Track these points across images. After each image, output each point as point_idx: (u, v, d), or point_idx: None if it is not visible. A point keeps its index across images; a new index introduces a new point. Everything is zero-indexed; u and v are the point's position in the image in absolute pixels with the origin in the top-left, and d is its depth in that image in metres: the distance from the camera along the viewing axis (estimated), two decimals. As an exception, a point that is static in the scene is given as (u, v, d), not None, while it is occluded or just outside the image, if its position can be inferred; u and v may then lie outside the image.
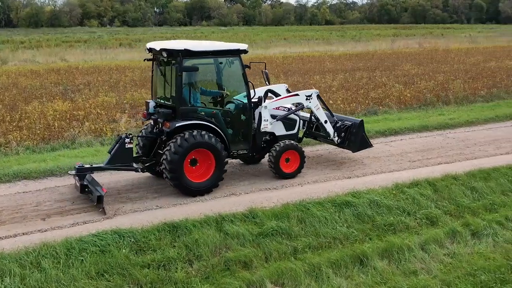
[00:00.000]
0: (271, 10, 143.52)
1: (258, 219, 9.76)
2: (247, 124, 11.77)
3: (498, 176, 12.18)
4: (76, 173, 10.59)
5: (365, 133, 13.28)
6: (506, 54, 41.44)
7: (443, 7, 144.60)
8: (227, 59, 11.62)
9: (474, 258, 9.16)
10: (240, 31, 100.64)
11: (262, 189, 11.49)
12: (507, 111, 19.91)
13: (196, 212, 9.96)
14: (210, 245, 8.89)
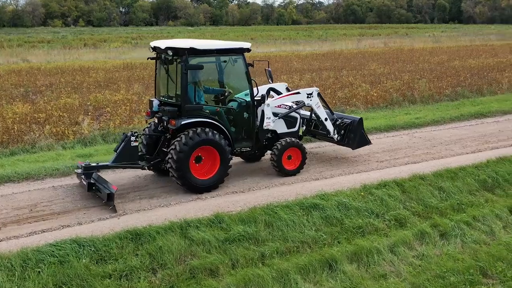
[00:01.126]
0: (238, 10, 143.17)
1: (225, 224, 9.48)
2: (250, 121, 11.84)
3: (464, 176, 12.17)
4: (82, 172, 10.72)
5: (364, 130, 13.42)
6: (469, 54, 42.09)
7: (407, 7, 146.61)
8: (231, 58, 11.67)
9: (443, 260, 9.08)
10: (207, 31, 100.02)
11: (228, 192, 11.23)
12: (472, 109, 20.11)
13: (160, 218, 9.63)
14: (175, 252, 8.58)
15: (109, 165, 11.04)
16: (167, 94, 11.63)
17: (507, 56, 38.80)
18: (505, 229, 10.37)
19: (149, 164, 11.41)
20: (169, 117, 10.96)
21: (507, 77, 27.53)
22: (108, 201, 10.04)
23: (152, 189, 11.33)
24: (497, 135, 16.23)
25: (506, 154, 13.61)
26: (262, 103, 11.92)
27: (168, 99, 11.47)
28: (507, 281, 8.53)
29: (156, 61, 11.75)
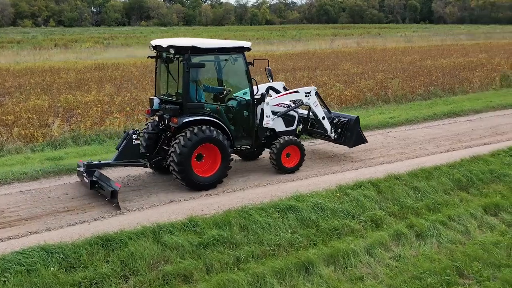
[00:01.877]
0: (212, 10, 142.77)
1: (199, 228, 9.25)
2: (250, 120, 12.00)
3: (439, 175, 12.15)
4: (85, 170, 10.83)
5: (361, 129, 13.58)
6: (441, 53, 42.56)
7: (379, 7, 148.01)
8: (231, 56, 11.74)
9: (419, 261, 8.99)
10: (180, 31, 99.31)
11: (202, 195, 11.01)
12: (444, 108, 20.24)
13: (132, 222, 9.36)
14: (147, 258, 8.32)
15: (111, 163, 11.15)
16: (168, 93, 11.71)
17: (478, 56, 39.31)
18: (480, 228, 10.34)
19: (151, 162, 11.46)
20: (170, 115, 11.04)
21: (478, 76, 27.84)
22: (112, 199, 10.13)
23: (124, 193, 11.03)
24: (470, 134, 16.33)
25: (479, 153, 13.65)
26: (262, 101, 12.07)
27: (169, 98, 11.55)
28: (483, 281, 8.48)
29: (156, 59, 11.81)
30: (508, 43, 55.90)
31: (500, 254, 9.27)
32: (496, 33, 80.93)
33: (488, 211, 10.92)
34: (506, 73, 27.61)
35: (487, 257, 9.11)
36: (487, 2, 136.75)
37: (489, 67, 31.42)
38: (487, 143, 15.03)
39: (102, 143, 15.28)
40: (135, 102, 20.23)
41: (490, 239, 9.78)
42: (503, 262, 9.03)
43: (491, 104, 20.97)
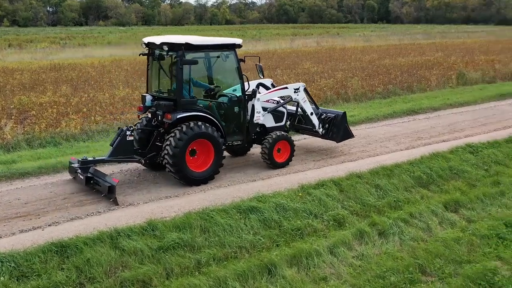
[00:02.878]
0: (171, 10, 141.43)
1: (158, 231, 8.98)
2: (241, 116, 12.21)
3: (400, 173, 12.19)
4: (79, 166, 10.97)
5: (348, 124, 13.85)
6: (399, 52, 43.09)
7: (338, 7, 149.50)
8: (223, 53, 11.90)
9: (382, 259, 8.93)
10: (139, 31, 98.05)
11: (162, 197, 10.73)
12: (403, 106, 20.44)
13: (89, 227, 9.02)
14: (104, 264, 8.01)
15: (105, 159, 11.26)
16: (160, 89, 11.87)
17: (434, 55, 39.95)
18: (441, 225, 10.38)
19: (145, 158, 11.57)
20: (164, 111, 11.13)
21: (435, 74, 28.23)
22: (109, 194, 10.23)
23: (81, 195, 10.69)
24: (428, 131, 16.50)
25: (438, 149, 13.77)
26: (253, 97, 12.20)
27: (161, 94, 11.71)
28: (445, 278, 8.49)
29: (148, 57, 11.96)
30: (463, 42, 57.16)
31: (461, 250, 9.31)
32: (451, 33, 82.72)
33: (448, 207, 10.99)
34: (462, 71, 28.13)
35: (448, 253, 9.14)
36: (442, 3, 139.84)
37: (445, 65, 31.94)
38: (446, 140, 15.21)
39: (57, 145, 14.79)
40: (92, 103, 19.70)
41: (451, 235, 9.81)
42: (464, 258, 9.07)
43: (448, 102, 21.29)
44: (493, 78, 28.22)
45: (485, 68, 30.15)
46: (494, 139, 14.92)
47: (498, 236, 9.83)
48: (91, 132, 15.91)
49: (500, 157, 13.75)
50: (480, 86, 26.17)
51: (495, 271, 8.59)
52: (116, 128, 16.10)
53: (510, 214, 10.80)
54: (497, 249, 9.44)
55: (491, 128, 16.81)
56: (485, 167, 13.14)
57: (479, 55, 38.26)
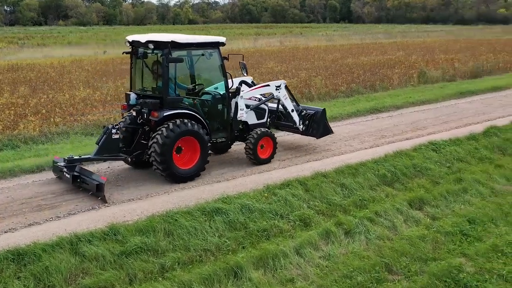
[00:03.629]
0: (133, 9, 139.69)
1: (120, 235, 8.71)
2: (225, 113, 12.34)
3: (365, 171, 12.19)
4: (65, 165, 10.86)
5: (327, 120, 14.11)
6: (361, 51, 43.53)
7: (300, 7, 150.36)
8: (206, 51, 11.96)
9: (349, 259, 8.88)
10: (100, 30, 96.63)
11: (124, 200, 10.45)
12: (367, 105, 20.55)
13: (48, 233, 8.69)
14: (64, 271, 7.72)
15: (91, 157, 11.19)
16: (144, 87, 11.92)
17: (396, 54, 40.49)
18: (406, 223, 10.41)
19: (131, 156, 11.52)
20: (150, 109, 11.15)
21: (397, 73, 28.59)
22: (97, 192, 10.22)
23: (39, 200, 10.32)
24: (392, 130, 16.61)
25: (402, 147, 13.87)
26: (236, 95, 12.37)
27: (146, 92, 11.74)
28: (411, 276, 8.49)
29: (131, 55, 11.93)
30: (423, 42, 58.17)
31: (426, 248, 9.34)
32: (412, 32, 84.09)
33: (413, 205, 11.03)
34: (423, 70, 28.52)
35: (414, 251, 9.15)
36: (402, 3, 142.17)
37: (406, 64, 32.38)
38: (409, 138, 15.33)
39: (15, 148, 14.30)
40: (51, 104, 19.18)
41: (416, 233, 9.85)
42: (430, 255, 9.10)
43: (410, 100, 21.51)
44: (453, 76, 28.70)
45: (445, 66, 30.66)
46: (456, 136, 15.11)
47: (462, 233, 9.92)
48: (50, 134, 15.45)
49: (462, 154, 13.92)
50: (441, 84, 26.56)
51: (460, 268, 8.64)
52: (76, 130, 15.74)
53: (472, 210, 10.92)
54: (461, 245, 9.51)
55: (452, 125, 17.04)
56: (448, 165, 13.28)
57: (439, 54, 38.97)
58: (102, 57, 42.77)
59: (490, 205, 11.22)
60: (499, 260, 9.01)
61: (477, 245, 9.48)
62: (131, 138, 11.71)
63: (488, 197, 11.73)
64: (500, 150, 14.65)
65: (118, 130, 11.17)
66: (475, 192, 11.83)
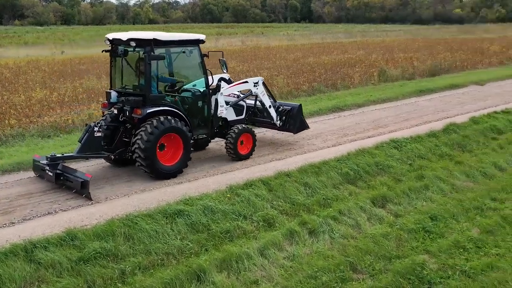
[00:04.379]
0: (91, 9, 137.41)
1: (78, 241, 8.40)
2: (205, 110, 12.47)
3: (328, 170, 12.14)
4: (48, 163, 10.79)
5: (303, 116, 14.43)
6: (322, 51, 43.78)
7: (261, 6, 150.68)
8: (187, 48, 12.06)
9: (313, 259, 8.79)
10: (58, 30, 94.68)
11: (83, 204, 10.10)
12: (329, 104, 20.58)
13: (0, 240, 8.30)
14: (18, 280, 7.38)
15: (74, 155, 11.18)
16: (126, 85, 11.87)
17: (356, 53, 40.87)
18: (370, 221, 10.39)
19: (114, 154, 11.53)
20: (133, 106, 11.18)
21: (357, 72, 28.83)
22: (82, 189, 10.20)
23: None
24: (354, 128, 16.65)
25: (364, 146, 13.88)
26: (217, 91, 12.54)
27: (128, 90, 11.72)
28: (376, 274, 8.46)
29: (111, 53, 11.90)
30: (382, 41, 58.95)
31: (390, 245, 9.33)
32: (371, 32, 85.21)
33: (376, 203, 11.02)
34: (383, 69, 28.81)
35: (378, 249, 9.13)
36: (361, 3, 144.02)
37: (367, 63, 32.71)
38: (371, 136, 15.39)
39: (-33, 152, 13.72)
40: (6, 105, 18.57)
41: (380, 231, 9.84)
42: (393, 253, 9.09)
43: (371, 98, 21.65)
44: (412, 74, 29.10)
45: (404, 65, 31.06)
46: (417, 134, 15.24)
47: (424, 230, 9.97)
48: (4, 137, 14.92)
49: (423, 152, 14.04)
50: (400, 82, 26.86)
51: (423, 265, 8.67)
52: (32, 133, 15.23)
53: (434, 207, 11.00)
54: (424, 242, 9.55)
55: (413, 123, 17.20)
56: (409, 162, 13.37)
57: (398, 53, 39.49)
58: (60, 57, 41.82)
59: (451, 201, 11.34)
60: (461, 256, 9.09)
61: (439, 242, 9.53)
62: (111, 136, 11.63)
63: (449, 194, 11.86)
64: (460, 146, 14.85)
65: (100, 128, 11.16)
66: (436, 189, 11.93)
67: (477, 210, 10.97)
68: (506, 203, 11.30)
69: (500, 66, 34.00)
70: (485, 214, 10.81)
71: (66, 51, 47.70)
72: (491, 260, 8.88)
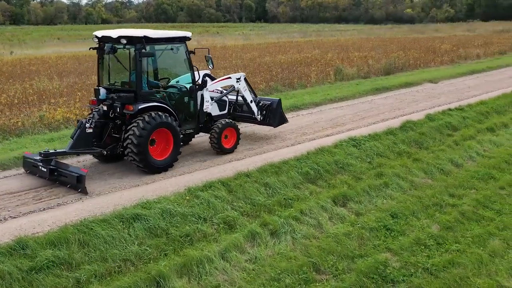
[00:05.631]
0: (42, 9, 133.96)
1: (29, 250, 7.96)
2: (191, 105, 12.86)
3: (288, 169, 12.00)
4: (42, 159, 10.92)
5: (282, 110, 14.94)
6: (278, 50, 43.84)
7: (216, 6, 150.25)
8: (174, 45, 12.34)
9: (276, 261, 8.60)
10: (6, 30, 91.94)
11: (34, 210, 9.63)
12: (286, 103, 20.38)
13: None
14: (-36, 294, 6.94)
15: (66, 151, 11.36)
16: (115, 82, 12.18)
17: (312, 52, 41.08)
18: (331, 220, 10.28)
19: (106, 149, 11.67)
20: (125, 102, 11.38)
21: (314, 71, 28.91)
22: (78, 184, 10.39)
23: None
24: (312, 127, 16.59)
25: (323, 144, 13.80)
26: (203, 87, 12.92)
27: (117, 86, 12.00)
28: (339, 275, 8.34)
29: (98, 51, 12.06)
30: (337, 40, 59.61)
31: (352, 245, 9.25)
32: (325, 31, 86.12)
33: (337, 202, 10.93)
34: (339, 68, 28.96)
35: (340, 249, 9.02)
36: (315, 3, 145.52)
37: (323, 62, 32.88)
38: (329, 135, 15.36)
39: None
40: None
41: (342, 230, 9.74)
42: (356, 252, 9.01)
43: (328, 97, 21.67)
44: (368, 73, 29.38)
45: (359, 64, 31.35)
46: (374, 131, 15.28)
47: (385, 228, 9.93)
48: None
49: (381, 149, 14.07)
50: (356, 81, 27.05)
51: (386, 264, 8.62)
52: None
53: (394, 205, 11.00)
54: (386, 241, 9.51)
55: (370, 121, 17.27)
56: (368, 160, 13.37)
57: (353, 52, 39.90)
58: (9, 57, 40.49)
59: (411, 198, 11.37)
60: (422, 253, 9.09)
61: (401, 239, 9.51)
62: (100, 132, 11.80)
63: (408, 191, 11.88)
64: (417, 144, 14.98)
65: (91, 124, 11.38)
66: (395, 187, 11.94)
67: (436, 207, 11.04)
68: (464, 199, 11.42)
69: (451, 64, 34.75)
70: (444, 210, 10.89)
71: (15, 52, 46.19)
72: (452, 256, 8.91)
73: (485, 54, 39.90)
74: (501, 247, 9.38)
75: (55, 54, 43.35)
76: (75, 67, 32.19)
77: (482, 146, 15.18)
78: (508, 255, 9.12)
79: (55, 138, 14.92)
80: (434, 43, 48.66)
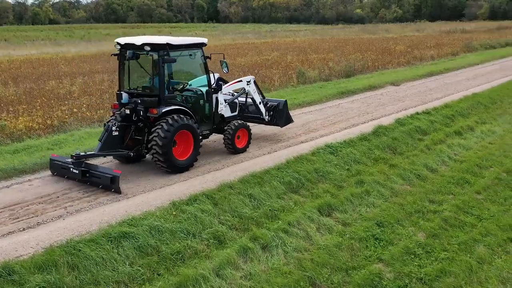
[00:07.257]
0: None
1: (17, 275, 7.57)
2: (207, 107, 13.50)
3: (270, 179, 11.88)
4: (74, 161, 11.41)
5: (288, 111, 15.72)
6: (236, 52, 43.51)
7: (167, 6, 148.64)
8: (193, 51, 13.05)
9: (271, 276, 8.47)
10: None
11: (14, 230, 9.16)
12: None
13: None
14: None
15: (95, 153, 11.92)
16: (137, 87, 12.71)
17: (271, 54, 41.01)
18: (319, 231, 10.23)
19: (133, 151, 12.26)
20: (149, 106, 11.98)
21: (276, 74, 28.80)
22: (111, 184, 10.93)
23: None
24: (285, 133, 16.46)
25: (301, 152, 13.76)
26: (219, 90, 13.59)
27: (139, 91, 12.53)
28: (335, 288, 8.33)
29: (119, 57, 12.68)
30: (293, 41, 59.92)
31: (344, 256, 9.26)
32: (278, 32, 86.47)
33: (322, 211, 10.89)
34: (301, 70, 28.99)
35: (333, 262, 9.01)
36: (267, 3, 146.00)
37: (283, 64, 32.84)
38: (304, 141, 15.32)
39: None
40: None
41: (332, 241, 9.72)
42: (349, 264, 9.02)
43: (296, 102, 21.49)
44: (329, 76, 29.46)
45: (320, 66, 31.45)
46: (349, 137, 15.33)
47: (374, 237, 9.99)
48: None
49: (358, 156, 14.13)
50: (319, 84, 27.03)
51: (380, 275, 8.68)
52: None
53: (378, 213, 11.08)
54: (376, 251, 9.55)
55: (341, 126, 17.32)
56: (347, 167, 13.39)
57: (311, 54, 40.11)
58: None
59: (393, 206, 11.47)
60: (413, 262, 9.20)
61: (390, 249, 9.59)
62: (121, 135, 12.32)
63: (390, 198, 11.99)
64: (391, 149, 15.14)
65: (117, 128, 11.98)
66: (377, 194, 12.02)
67: (419, 214, 11.19)
68: (444, 205, 11.63)
69: (408, 65, 35.39)
70: (427, 217, 11.04)
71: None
72: (443, 265, 9.05)
73: (439, 55, 40.87)
74: (487, 253, 9.60)
75: (6, 58, 41.81)
76: (29, 71, 31.10)
77: (453, 150, 15.51)
78: (495, 261, 9.33)
79: (19, 149, 14.27)
80: (388, 44, 49.52)
